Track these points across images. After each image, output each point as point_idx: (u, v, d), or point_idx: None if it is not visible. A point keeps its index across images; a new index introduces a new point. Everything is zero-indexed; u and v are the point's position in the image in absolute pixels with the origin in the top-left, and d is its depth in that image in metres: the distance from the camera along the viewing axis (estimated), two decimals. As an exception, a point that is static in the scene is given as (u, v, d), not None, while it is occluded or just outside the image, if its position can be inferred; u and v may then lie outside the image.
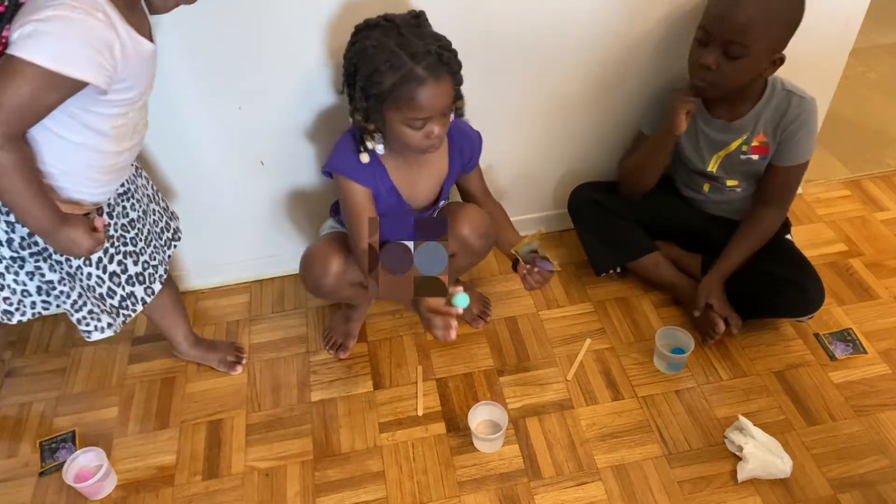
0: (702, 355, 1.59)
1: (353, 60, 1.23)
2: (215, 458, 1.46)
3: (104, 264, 1.27)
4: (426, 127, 1.25)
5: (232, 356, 1.62)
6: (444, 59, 1.21)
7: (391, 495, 1.38)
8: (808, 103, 1.46)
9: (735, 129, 1.50)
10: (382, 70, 1.18)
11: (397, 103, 1.21)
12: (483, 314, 1.70)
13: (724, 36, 1.35)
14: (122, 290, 1.31)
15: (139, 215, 1.32)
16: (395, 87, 1.19)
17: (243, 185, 1.64)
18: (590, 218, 1.70)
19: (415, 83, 1.19)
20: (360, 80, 1.21)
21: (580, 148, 1.78)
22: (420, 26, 1.23)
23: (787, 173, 1.52)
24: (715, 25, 1.36)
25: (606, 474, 1.39)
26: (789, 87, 1.47)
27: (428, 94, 1.20)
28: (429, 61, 1.19)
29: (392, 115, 1.24)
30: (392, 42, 1.19)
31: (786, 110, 1.46)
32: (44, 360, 1.68)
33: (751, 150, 1.51)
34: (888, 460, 1.39)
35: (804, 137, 1.47)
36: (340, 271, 1.44)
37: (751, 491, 1.35)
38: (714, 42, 1.36)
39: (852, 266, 1.80)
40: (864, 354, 1.58)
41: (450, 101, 1.26)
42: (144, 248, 1.34)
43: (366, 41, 1.21)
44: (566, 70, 1.61)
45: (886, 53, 2.62)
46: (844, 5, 1.62)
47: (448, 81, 1.23)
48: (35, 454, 1.48)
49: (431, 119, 1.24)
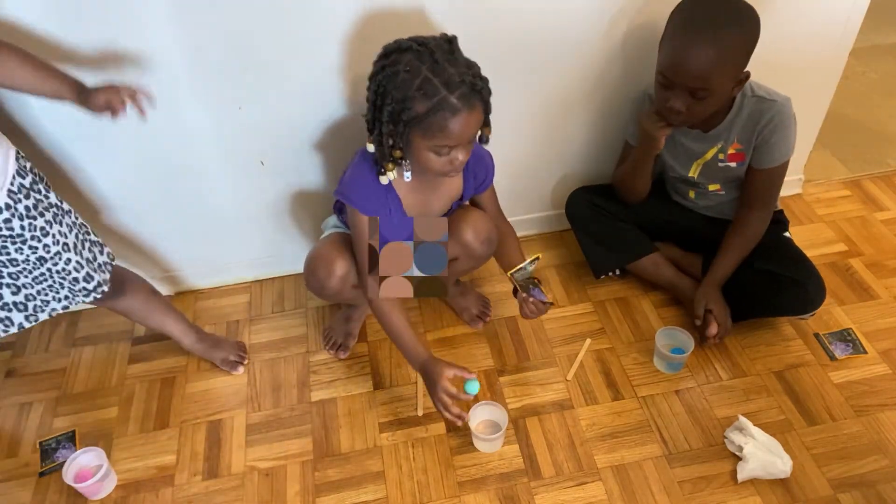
0: (702, 355, 1.59)
1: (383, 84, 1.20)
2: (215, 458, 1.46)
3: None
4: (451, 154, 1.25)
5: (235, 356, 1.62)
6: (477, 88, 1.20)
7: (391, 495, 1.38)
8: (780, 106, 1.44)
9: (710, 138, 1.50)
10: (415, 96, 1.16)
11: (427, 131, 1.19)
12: (483, 314, 1.70)
13: (685, 83, 1.34)
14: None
15: (28, 258, 1.25)
16: (427, 115, 1.17)
17: (243, 185, 1.64)
18: (588, 221, 1.70)
19: (448, 112, 1.17)
20: (390, 105, 1.19)
21: (578, 150, 1.78)
22: (453, 52, 1.20)
23: (768, 175, 1.51)
24: (674, 75, 1.35)
25: (606, 474, 1.39)
26: (759, 93, 1.45)
27: (459, 124, 1.19)
28: (462, 90, 1.17)
29: (419, 141, 1.22)
30: (425, 68, 1.17)
31: (758, 117, 1.45)
32: (44, 360, 1.68)
33: (727, 157, 1.51)
34: (888, 460, 1.39)
35: (780, 140, 1.46)
36: (345, 274, 1.44)
37: (751, 491, 1.35)
38: (678, 87, 1.36)
39: (852, 266, 1.80)
40: (864, 354, 1.58)
41: (478, 128, 1.25)
42: (30, 284, 1.29)
43: (398, 65, 1.18)
44: (564, 72, 1.61)
45: (886, 53, 2.62)
46: (844, 5, 1.62)
47: (479, 110, 1.22)
48: (35, 454, 1.48)
49: (458, 147, 1.24)
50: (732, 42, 1.31)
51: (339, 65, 1.48)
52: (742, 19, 1.33)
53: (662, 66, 1.37)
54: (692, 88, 1.34)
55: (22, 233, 1.22)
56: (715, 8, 1.33)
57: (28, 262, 1.26)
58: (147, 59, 1.37)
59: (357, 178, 1.35)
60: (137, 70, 1.38)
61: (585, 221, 1.71)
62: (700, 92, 1.35)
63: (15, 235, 1.22)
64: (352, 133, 1.58)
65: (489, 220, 1.49)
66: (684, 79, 1.34)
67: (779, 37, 1.62)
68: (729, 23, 1.31)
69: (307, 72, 1.47)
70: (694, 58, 1.31)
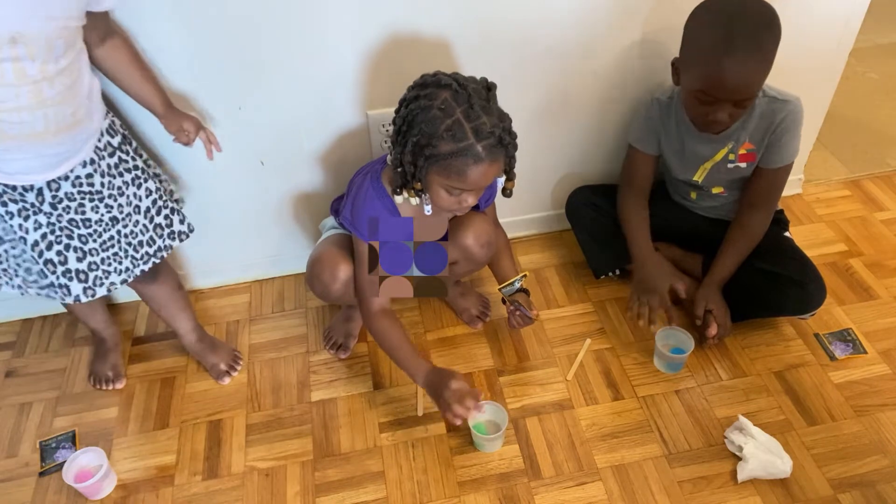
0: (702, 355, 1.59)
1: (415, 113, 1.19)
2: (215, 458, 1.46)
3: (41, 248, 1.26)
4: (462, 196, 1.25)
5: (226, 364, 1.61)
6: (504, 143, 1.20)
7: (391, 495, 1.38)
8: (792, 106, 1.45)
9: (720, 140, 1.50)
10: (443, 136, 1.16)
11: (446, 171, 1.20)
12: (483, 314, 1.70)
13: (732, 97, 1.33)
14: (55, 279, 1.29)
15: (102, 218, 1.28)
16: (449, 156, 1.17)
17: (243, 185, 1.64)
18: (588, 221, 1.70)
19: (471, 159, 1.17)
20: (416, 136, 1.18)
21: (578, 150, 1.78)
22: (489, 101, 1.20)
23: (774, 175, 1.51)
24: (721, 92, 1.33)
25: (606, 474, 1.39)
26: (771, 93, 1.45)
27: (479, 173, 1.19)
28: (490, 141, 1.17)
29: (434, 176, 1.22)
30: (460, 111, 1.16)
31: (772, 117, 1.45)
32: (44, 360, 1.68)
33: (738, 157, 1.51)
34: (888, 460, 1.39)
35: (790, 140, 1.47)
36: (348, 278, 1.45)
37: (751, 491, 1.35)
38: (722, 102, 1.35)
39: (852, 266, 1.80)
40: (864, 354, 1.58)
41: (494, 177, 1.26)
42: (96, 250, 1.30)
43: (433, 100, 1.17)
44: (565, 72, 1.61)
45: (886, 53, 2.62)
46: (844, 5, 1.62)
47: (500, 163, 1.23)
48: (35, 454, 1.48)
49: (470, 192, 1.25)
50: (772, 47, 1.32)
51: (339, 65, 1.48)
52: (772, 19, 1.32)
53: (705, 84, 1.34)
54: (738, 100, 1.34)
55: (101, 190, 1.26)
56: (749, 17, 1.30)
57: (101, 223, 1.28)
58: (147, 59, 1.37)
59: (367, 209, 1.35)
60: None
61: (585, 221, 1.71)
62: (746, 101, 1.35)
63: (94, 192, 1.26)
64: (352, 133, 1.59)
65: (489, 223, 1.49)
66: (732, 94, 1.33)
67: (779, 37, 1.62)
68: (765, 27, 1.30)
69: (307, 72, 1.47)
70: (743, 74, 1.30)
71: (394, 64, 1.49)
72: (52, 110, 1.12)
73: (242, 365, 1.63)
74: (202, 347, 1.61)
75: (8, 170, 1.16)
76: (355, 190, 1.38)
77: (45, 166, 1.18)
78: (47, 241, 1.25)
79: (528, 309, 1.51)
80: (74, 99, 1.15)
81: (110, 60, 1.25)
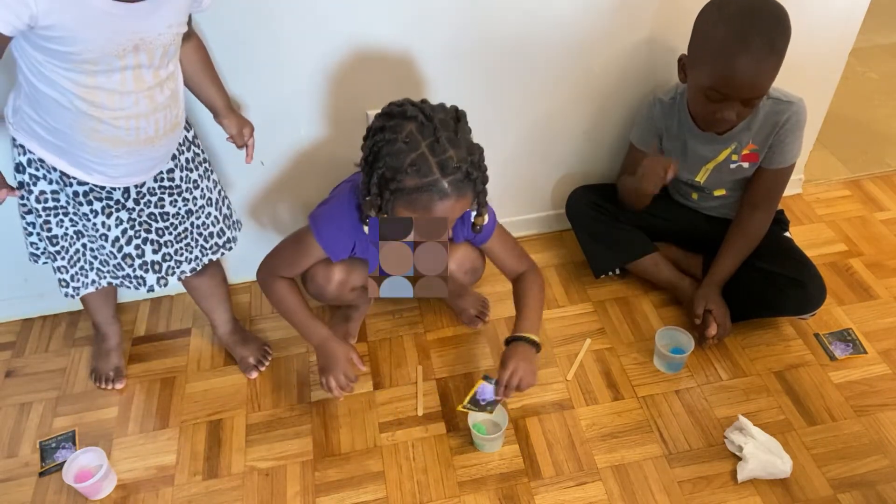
0: (702, 355, 1.59)
1: (380, 145, 1.15)
2: (215, 458, 1.46)
3: (121, 244, 1.30)
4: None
5: (255, 359, 1.62)
6: (472, 178, 1.16)
7: (391, 495, 1.38)
8: (796, 107, 1.44)
9: (723, 140, 1.50)
10: (408, 171, 1.12)
11: (412, 206, 1.15)
12: (482, 315, 1.70)
13: (742, 95, 1.33)
14: (132, 272, 1.34)
15: (179, 212, 1.33)
16: (415, 191, 1.13)
17: (243, 185, 1.64)
18: (587, 221, 1.70)
19: (437, 195, 1.13)
20: (381, 169, 1.14)
21: (578, 150, 1.78)
22: (457, 133, 1.15)
23: (776, 176, 1.51)
24: (733, 90, 1.32)
25: (606, 474, 1.39)
26: (775, 95, 1.45)
27: (445, 208, 1.15)
28: (456, 177, 1.13)
29: (401, 210, 1.17)
30: (425, 144, 1.12)
31: (776, 118, 1.45)
32: (44, 360, 1.68)
33: (741, 157, 1.51)
34: (888, 460, 1.39)
35: (793, 141, 1.47)
36: (343, 279, 1.45)
37: (751, 491, 1.35)
38: (731, 99, 1.34)
39: (852, 266, 1.80)
40: (864, 354, 1.58)
41: (462, 212, 1.22)
42: (171, 242, 1.35)
43: (398, 133, 1.13)
44: (565, 72, 1.61)
45: (886, 53, 2.62)
46: (844, 5, 1.62)
47: (468, 198, 1.18)
48: (35, 454, 1.48)
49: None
50: (784, 46, 1.31)
51: (339, 65, 1.48)
52: (784, 18, 1.31)
53: (716, 82, 1.33)
54: (747, 98, 1.34)
55: (179, 184, 1.30)
56: (763, 16, 1.30)
57: (178, 216, 1.32)
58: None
59: (336, 216, 1.33)
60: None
61: (585, 221, 1.71)
62: (755, 99, 1.35)
63: (173, 187, 1.30)
64: (351, 133, 1.58)
65: (473, 250, 1.48)
66: (743, 92, 1.32)
67: (779, 37, 1.62)
68: (779, 27, 1.30)
69: (308, 72, 1.47)
70: (756, 72, 1.30)
71: (394, 64, 1.49)
72: (162, 114, 1.16)
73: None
74: (234, 340, 1.62)
75: (114, 174, 1.20)
76: (335, 197, 1.38)
77: (148, 168, 1.24)
78: (127, 236, 1.30)
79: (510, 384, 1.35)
80: (178, 102, 1.20)
81: (187, 61, 1.26)
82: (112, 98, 1.09)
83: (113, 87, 1.08)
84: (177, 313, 1.78)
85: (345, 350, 1.42)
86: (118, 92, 1.09)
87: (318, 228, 1.35)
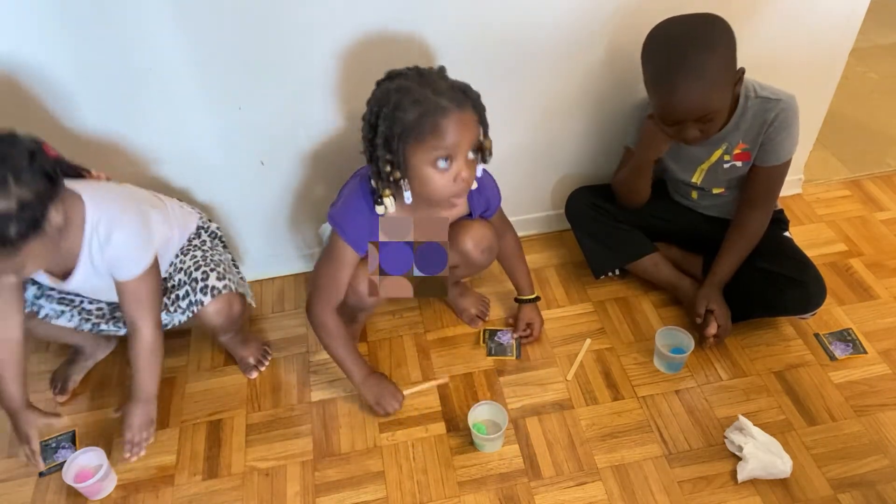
0: (702, 355, 1.59)
1: (376, 104, 1.20)
2: (215, 458, 1.46)
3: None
4: (452, 168, 1.21)
5: (255, 359, 1.62)
6: (468, 94, 1.21)
7: (391, 495, 1.38)
8: (785, 104, 1.44)
9: (714, 141, 1.50)
10: (405, 106, 1.16)
11: (421, 138, 1.17)
12: (482, 314, 1.70)
13: (691, 117, 1.35)
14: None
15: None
16: (418, 120, 1.16)
17: (243, 185, 1.64)
18: (587, 221, 1.70)
19: (439, 114, 1.16)
20: (383, 122, 1.18)
21: (578, 151, 1.78)
22: (444, 77, 1.22)
23: (770, 173, 1.51)
24: (675, 116, 1.36)
25: (606, 474, 1.39)
26: (763, 94, 1.45)
27: (452, 123, 1.17)
28: (452, 94, 1.18)
29: (417, 155, 1.19)
30: (415, 84, 1.18)
31: (764, 117, 1.44)
32: (44, 360, 1.68)
33: (733, 157, 1.51)
34: (888, 460, 1.39)
35: (785, 139, 1.46)
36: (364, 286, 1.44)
37: (751, 491, 1.35)
38: (684, 122, 1.37)
39: (852, 266, 1.80)
40: (864, 354, 1.58)
41: (475, 137, 1.23)
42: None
43: (389, 85, 1.20)
44: (564, 73, 1.61)
45: (886, 53, 2.62)
46: (844, 5, 1.62)
47: (471, 112, 1.21)
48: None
49: (458, 157, 1.21)
50: (715, 65, 1.31)
51: (340, 65, 1.48)
52: (713, 38, 1.32)
53: (661, 111, 1.38)
54: (698, 117, 1.35)
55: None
56: (687, 43, 1.31)
57: None
58: (149, 59, 1.37)
59: (352, 207, 1.34)
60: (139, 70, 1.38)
61: (585, 221, 1.71)
62: (707, 117, 1.35)
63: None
64: (351, 133, 1.58)
65: (489, 228, 1.48)
66: (692, 115, 1.34)
67: (779, 37, 1.62)
68: (704, 49, 1.30)
69: (308, 73, 1.47)
70: (688, 99, 1.31)
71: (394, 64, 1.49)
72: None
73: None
74: (234, 340, 1.61)
75: None
76: (346, 190, 1.38)
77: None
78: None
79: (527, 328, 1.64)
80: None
81: None
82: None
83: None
84: (177, 313, 1.78)
85: (389, 383, 1.51)
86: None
87: (341, 225, 1.35)
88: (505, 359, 1.61)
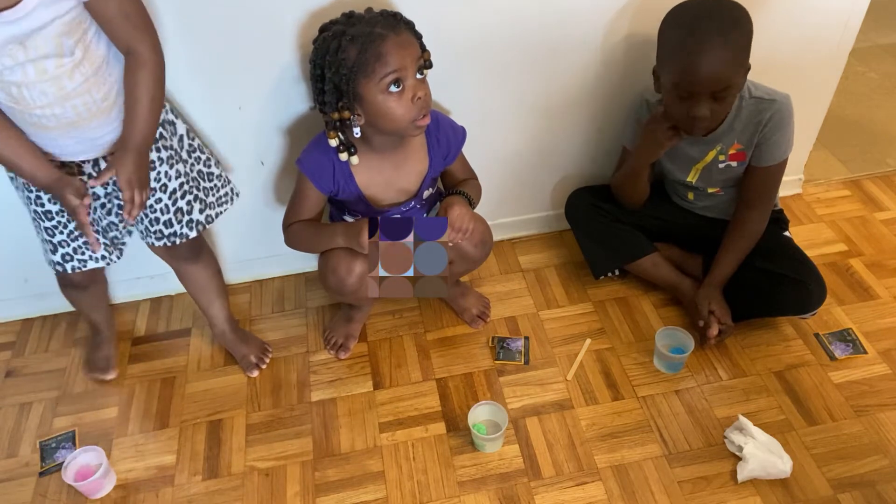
0: (702, 355, 1.59)
1: (318, 57, 1.26)
2: (215, 458, 1.46)
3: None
4: (406, 90, 1.25)
5: (256, 357, 1.62)
6: (399, 18, 1.25)
7: (391, 495, 1.38)
8: (779, 104, 1.45)
9: (708, 141, 1.50)
10: (344, 46, 1.21)
11: (368, 69, 1.21)
12: (483, 314, 1.70)
13: (708, 88, 1.34)
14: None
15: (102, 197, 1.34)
16: (360, 55, 1.21)
17: (243, 184, 1.64)
18: (587, 221, 1.70)
19: (377, 41, 1.21)
20: (328, 70, 1.23)
21: (578, 151, 1.78)
22: (371, 11, 1.28)
23: (766, 173, 1.51)
24: (695, 84, 1.34)
25: (606, 474, 1.39)
26: (757, 94, 1.45)
27: (392, 46, 1.21)
28: (385, 21, 1.23)
29: (369, 88, 1.24)
30: (346, 26, 1.24)
31: (759, 117, 1.45)
32: (44, 360, 1.68)
33: (728, 157, 1.51)
34: (888, 460, 1.39)
35: (780, 138, 1.47)
36: (363, 272, 1.44)
37: (751, 491, 1.35)
38: (699, 95, 1.36)
39: (852, 266, 1.80)
40: (864, 354, 1.58)
41: (418, 54, 1.26)
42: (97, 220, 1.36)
43: (325, 36, 1.26)
44: (564, 73, 1.61)
45: (886, 53, 2.62)
46: (844, 5, 1.62)
47: (408, 34, 1.25)
48: (35, 454, 1.48)
49: (407, 77, 1.24)
50: (740, 40, 1.33)
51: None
52: (740, 17, 1.34)
53: (680, 79, 1.36)
54: (714, 91, 1.35)
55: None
56: (714, 13, 1.33)
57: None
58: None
59: (312, 145, 1.40)
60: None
61: (585, 222, 1.71)
62: (722, 92, 1.35)
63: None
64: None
65: (482, 221, 1.48)
66: (706, 85, 1.34)
67: (779, 37, 1.62)
68: (733, 24, 1.33)
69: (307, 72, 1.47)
70: (713, 63, 1.31)
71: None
72: (80, 100, 1.16)
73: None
74: (234, 338, 1.62)
75: (60, 152, 1.23)
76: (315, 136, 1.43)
77: (92, 148, 1.24)
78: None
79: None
80: (103, 86, 1.18)
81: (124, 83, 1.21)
82: (21, 90, 1.12)
83: (19, 80, 1.11)
84: (177, 313, 1.78)
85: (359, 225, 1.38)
86: (24, 84, 1.11)
87: (301, 161, 1.40)
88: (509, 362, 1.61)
